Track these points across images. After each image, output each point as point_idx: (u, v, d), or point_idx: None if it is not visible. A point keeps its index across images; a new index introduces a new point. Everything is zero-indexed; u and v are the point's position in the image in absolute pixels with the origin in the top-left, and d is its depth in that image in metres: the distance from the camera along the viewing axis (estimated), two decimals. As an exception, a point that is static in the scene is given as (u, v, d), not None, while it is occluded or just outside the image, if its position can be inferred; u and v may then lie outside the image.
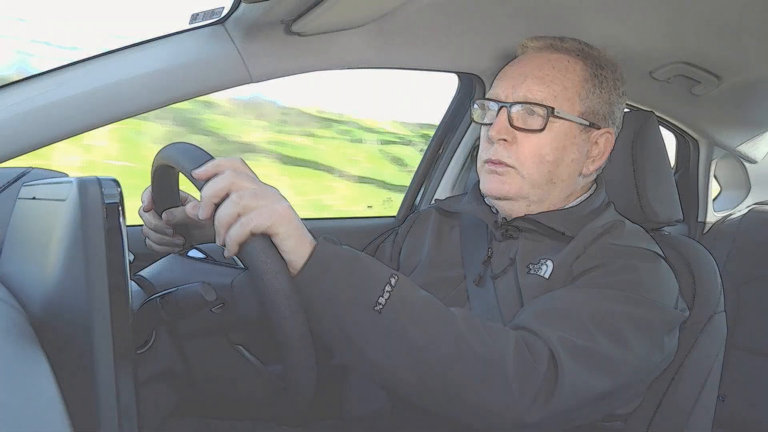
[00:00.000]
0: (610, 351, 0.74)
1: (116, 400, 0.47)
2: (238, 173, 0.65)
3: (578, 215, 0.93)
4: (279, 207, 0.64)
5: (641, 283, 0.81)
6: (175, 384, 0.74)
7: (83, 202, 0.50)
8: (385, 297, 0.66)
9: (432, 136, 1.73)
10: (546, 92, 0.90)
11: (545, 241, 0.92)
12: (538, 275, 0.88)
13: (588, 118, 0.92)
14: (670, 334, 0.84)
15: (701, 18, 1.25)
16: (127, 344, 0.49)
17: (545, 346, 0.71)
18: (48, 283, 0.56)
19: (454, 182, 1.76)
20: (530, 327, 0.74)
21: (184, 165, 0.68)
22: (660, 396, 0.96)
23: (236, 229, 0.62)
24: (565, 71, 0.92)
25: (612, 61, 0.98)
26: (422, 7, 1.13)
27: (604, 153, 0.96)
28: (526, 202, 0.93)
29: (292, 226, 0.64)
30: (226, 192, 0.64)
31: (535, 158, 0.90)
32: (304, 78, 1.13)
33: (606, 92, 0.94)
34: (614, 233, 0.90)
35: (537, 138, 0.89)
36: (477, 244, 0.98)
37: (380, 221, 1.74)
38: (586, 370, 0.71)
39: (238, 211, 0.62)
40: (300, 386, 0.65)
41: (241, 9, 0.99)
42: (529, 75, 0.92)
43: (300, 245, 0.65)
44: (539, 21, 1.24)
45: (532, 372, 0.68)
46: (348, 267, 0.66)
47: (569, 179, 0.94)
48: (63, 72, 0.96)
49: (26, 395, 0.41)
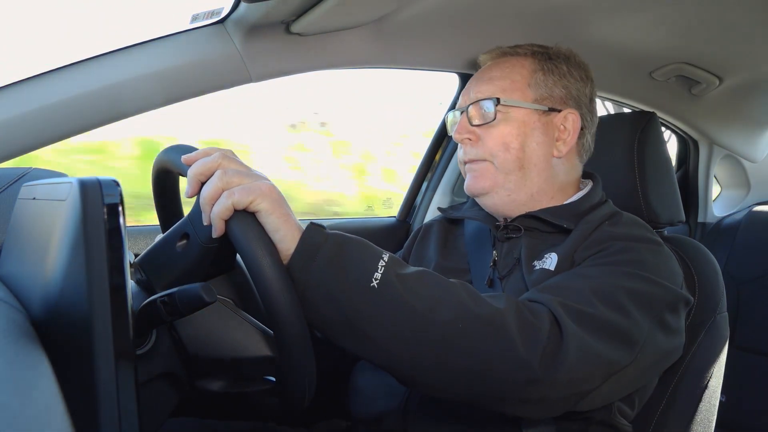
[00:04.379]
0: (611, 318, 0.74)
1: (116, 400, 0.47)
2: (226, 156, 0.66)
3: (577, 210, 0.96)
4: (262, 184, 0.64)
5: (641, 261, 0.82)
6: (175, 384, 0.74)
7: (83, 202, 0.49)
8: (380, 272, 0.66)
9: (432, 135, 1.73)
10: (492, 88, 0.98)
11: (546, 237, 0.94)
12: (543, 269, 0.89)
13: (544, 103, 0.98)
14: (673, 314, 0.83)
15: (701, 18, 1.25)
16: (127, 344, 0.49)
17: (545, 308, 0.72)
18: (48, 283, 0.55)
19: (454, 184, 1.76)
20: (530, 296, 0.76)
21: (174, 158, 0.69)
22: (663, 397, 0.96)
23: (219, 204, 0.63)
24: (512, 68, 1.00)
25: (565, 53, 1.02)
26: (422, 7, 1.13)
27: (572, 134, 0.99)
28: (506, 192, 0.97)
29: (276, 204, 0.64)
30: (213, 171, 0.64)
31: (501, 147, 0.96)
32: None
33: (559, 77, 0.99)
34: (613, 222, 0.92)
35: (497, 129, 0.96)
36: (482, 249, 1.01)
37: (382, 221, 1.74)
38: (589, 334, 0.71)
39: (221, 185, 0.63)
40: (300, 386, 0.65)
41: (241, 9, 0.99)
42: (479, 79, 1.02)
43: (285, 224, 0.65)
44: (539, 21, 1.24)
45: (535, 330, 0.68)
46: (338, 249, 0.66)
47: (542, 162, 0.97)
48: (63, 72, 0.96)
49: (26, 395, 0.41)
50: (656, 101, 1.70)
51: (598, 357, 0.71)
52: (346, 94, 3.63)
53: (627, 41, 1.36)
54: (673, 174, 1.20)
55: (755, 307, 1.79)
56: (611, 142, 1.17)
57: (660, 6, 1.20)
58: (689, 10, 1.21)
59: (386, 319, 0.65)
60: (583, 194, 1.00)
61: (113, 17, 2.59)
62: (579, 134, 0.99)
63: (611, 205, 0.99)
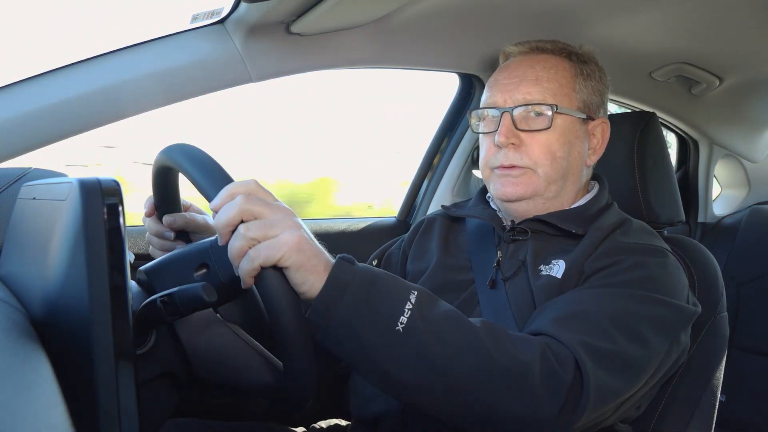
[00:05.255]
0: (631, 352, 0.74)
1: (116, 400, 0.47)
2: (249, 199, 0.63)
3: (585, 214, 0.95)
4: (288, 237, 0.62)
5: (654, 280, 0.82)
6: (175, 384, 0.74)
7: (83, 202, 0.49)
8: (406, 316, 0.65)
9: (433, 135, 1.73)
10: (544, 92, 0.93)
11: (554, 241, 0.93)
12: (550, 275, 0.88)
13: (584, 110, 0.96)
14: (686, 332, 0.85)
15: (701, 18, 1.25)
16: (127, 344, 0.49)
17: (569, 354, 0.70)
18: (48, 283, 0.55)
19: (454, 184, 1.75)
20: (551, 333, 0.74)
21: (201, 185, 0.67)
22: (663, 397, 0.96)
23: (245, 263, 0.62)
24: (556, 70, 0.96)
25: (591, 55, 1.01)
26: (422, 7, 1.13)
27: (602, 142, 0.99)
28: (542, 200, 0.95)
29: (303, 257, 0.63)
30: (238, 221, 0.62)
31: (548, 156, 0.92)
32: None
33: (595, 83, 0.98)
34: (623, 230, 0.91)
35: (544, 137, 0.92)
36: (485, 248, 0.99)
37: (382, 221, 1.74)
38: (608, 374, 0.71)
39: (247, 244, 0.62)
40: (300, 387, 0.65)
41: (242, 9, 0.99)
42: (524, 78, 0.94)
43: (312, 274, 0.63)
44: (539, 21, 1.24)
45: (559, 382, 0.68)
46: (366, 288, 0.65)
47: (578, 172, 0.97)
48: (63, 72, 0.96)
49: (26, 395, 0.41)
50: (656, 101, 1.70)
51: (615, 395, 0.72)
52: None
53: (627, 41, 1.36)
54: (672, 174, 1.20)
55: (755, 307, 1.79)
56: (611, 142, 1.17)
57: (660, 6, 1.20)
58: (689, 10, 1.21)
59: (408, 362, 0.65)
60: (590, 197, 0.99)
61: (113, 17, 2.59)
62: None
63: (617, 210, 0.99)
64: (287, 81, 1.16)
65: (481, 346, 0.67)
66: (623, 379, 0.73)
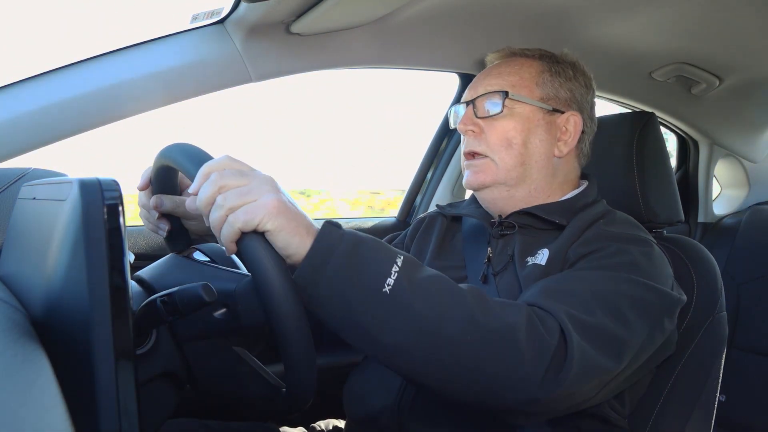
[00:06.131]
0: (612, 328, 0.75)
1: (116, 400, 0.47)
2: (223, 174, 0.64)
3: (571, 207, 0.97)
4: (266, 200, 0.63)
5: (637, 265, 0.83)
6: (175, 384, 0.74)
7: (83, 203, 0.49)
8: (393, 278, 0.65)
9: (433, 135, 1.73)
10: (502, 83, 0.99)
11: (540, 234, 0.95)
12: (535, 263, 0.90)
13: (549, 103, 0.99)
14: (670, 318, 0.85)
15: (701, 18, 1.25)
16: (127, 344, 0.49)
17: (555, 321, 0.71)
18: (48, 283, 0.55)
19: (454, 184, 1.76)
20: (537, 303, 0.75)
21: (188, 171, 0.68)
22: (661, 396, 0.96)
23: (226, 230, 0.62)
24: (521, 67, 1.01)
25: (571, 60, 1.04)
26: (422, 7, 1.13)
27: (574, 135, 1.01)
28: (505, 188, 0.99)
29: (283, 219, 0.63)
30: (215, 197, 0.63)
31: (503, 142, 0.97)
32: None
33: (565, 80, 1.01)
34: (607, 220, 0.93)
35: (501, 124, 0.97)
36: (477, 246, 1.01)
37: (382, 221, 1.74)
38: (591, 346, 0.72)
39: (225, 213, 0.62)
40: (300, 387, 0.65)
41: (241, 9, 0.99)
42: (487, 74, 1.03)
43: (295, 236, 0.64)
44: (539, 21, 1.24)
45: (544, 343, 0.68)
46: (353, 252, 0.65)
47: (543, 160, 0.99)
48: (63, 72, 0.96)
49: (26, 395, 0.41)
50: (656, 101, 1.71)
51: (597, 368, 0.72)
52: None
53: (627, 41, 1.36)
54: (672, 174, 1.20)
55: (755, 307, 1.79)
56: (610, 142, 1.17)
57: (660, 6, 1.21)
58: (689, 10, 1.21)
59: (396, 325, 0.65)
60: (577, 192, 1.01)
61: (113, 17, 2.59)
62: (579, 138, 1.01)
63: (605, 204, 1.01)
64: (287, 81, 1.16)
65: (467, 308, 0.67)
66: (605, 354, 0.73)
